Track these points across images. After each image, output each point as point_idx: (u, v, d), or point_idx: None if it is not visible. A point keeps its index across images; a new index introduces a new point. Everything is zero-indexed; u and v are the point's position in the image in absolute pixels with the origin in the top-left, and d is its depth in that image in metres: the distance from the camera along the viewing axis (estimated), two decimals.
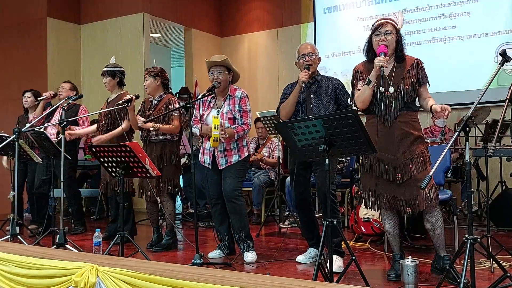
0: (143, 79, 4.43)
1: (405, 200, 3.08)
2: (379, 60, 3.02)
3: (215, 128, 3.68)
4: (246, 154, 3.91)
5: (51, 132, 5.09)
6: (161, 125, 4.15)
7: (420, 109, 3.25)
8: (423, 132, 3.34)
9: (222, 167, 3.86)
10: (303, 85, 3.46)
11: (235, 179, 3.85)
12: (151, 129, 4.13)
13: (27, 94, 5.63)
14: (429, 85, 3.22)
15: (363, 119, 2.82)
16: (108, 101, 4.68)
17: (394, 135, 3.10)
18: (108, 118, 4.54)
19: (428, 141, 4.81)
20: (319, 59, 3.69)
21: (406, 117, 3.13)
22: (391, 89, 3.12)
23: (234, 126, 3.84)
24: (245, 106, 3.89)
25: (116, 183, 4.38)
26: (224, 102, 3.89)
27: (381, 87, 3.10)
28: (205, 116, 3.89)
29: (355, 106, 3.29)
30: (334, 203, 3.48)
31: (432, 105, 3.07)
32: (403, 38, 3.23)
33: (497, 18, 5.99)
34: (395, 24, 3.17)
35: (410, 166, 3.05)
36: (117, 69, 4.65)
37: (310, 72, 3.52)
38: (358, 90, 3.22)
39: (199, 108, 3.97)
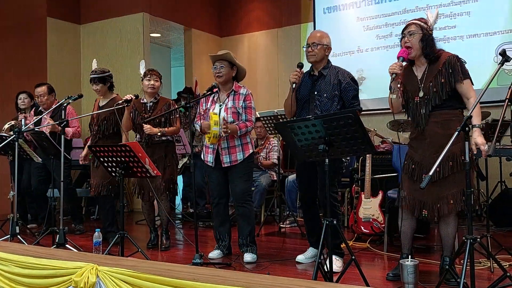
0: (145, 79, 4.37)
1: (424, 201, 3.01)
2: (391, 67, 2.95)
3: (214, 125, 3.65)
4: (250, 151, 3.86)
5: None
6: (166, 129, 4.19)
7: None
8: None
9: (226, 165, 3.80)
10: (294, 86, 3.44)
11: (245, 182, 3.83)
12: (159, 134, 4.14)
13: (23, 96, 5.65)
14: (473, 83, 2.99)
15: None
16: (100, 105, 4.55)
17: (425, 135, 3.02)
18: (104, 123, 4.43)
19: None
20: (328, 48, 3.57)
21: (440, 117, 2.99)
22: (421, 94, 3.01)
23: (237, 122, 3.79)
24: (249, 103, 3.84)
25: (98, 186, 4.45)
26: (228, 97, 3.84)
27: (393, 95, 3.02)
28: (210, 111, 3.84)
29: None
30: (335, 204, 3.47)
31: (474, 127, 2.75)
32: (432, 35, 3.04)
33: (496, 18, 5.99)
34: (421, 24, 3.03)
35: (437, 169, 2.86)
36: (106, 74, 4.54)
37: (301, 71, 3.46)
38: None
39: (202, 104, 3.96)
